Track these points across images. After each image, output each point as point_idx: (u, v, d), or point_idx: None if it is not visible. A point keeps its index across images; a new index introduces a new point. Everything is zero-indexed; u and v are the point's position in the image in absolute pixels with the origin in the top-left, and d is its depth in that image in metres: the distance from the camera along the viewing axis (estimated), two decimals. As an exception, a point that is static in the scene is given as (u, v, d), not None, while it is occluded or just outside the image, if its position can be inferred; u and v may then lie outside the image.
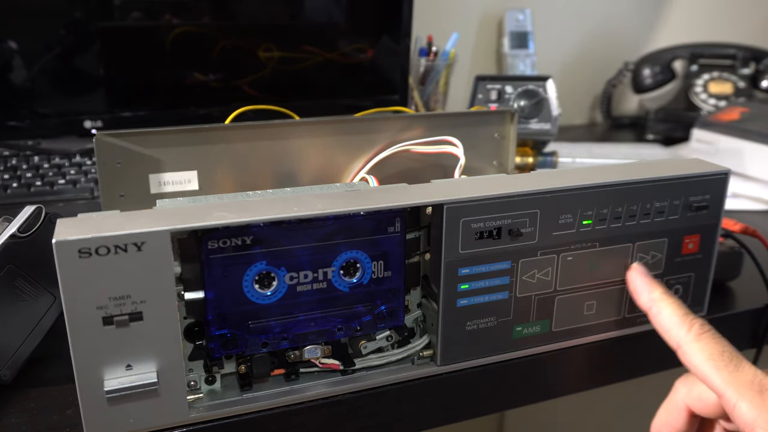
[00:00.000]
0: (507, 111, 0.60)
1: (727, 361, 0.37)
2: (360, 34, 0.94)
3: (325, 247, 0.40)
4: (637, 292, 0.45)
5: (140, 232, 0.34)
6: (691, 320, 0.41)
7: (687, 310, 0.42)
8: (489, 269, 0.42)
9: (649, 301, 0.43)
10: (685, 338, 0.40)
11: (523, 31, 1.10)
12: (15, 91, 0.82)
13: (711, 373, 0.38)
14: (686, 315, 0.41)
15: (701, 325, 0.40)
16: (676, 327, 0.41)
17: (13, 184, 0.74)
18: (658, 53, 1.22)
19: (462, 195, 0.40)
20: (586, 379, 0.50)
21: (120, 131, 0.49)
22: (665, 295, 0.43)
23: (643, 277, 0.45)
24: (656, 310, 0.43)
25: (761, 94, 1.16)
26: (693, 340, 0.39)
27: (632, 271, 0.45)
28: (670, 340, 0.41)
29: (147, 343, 0.36)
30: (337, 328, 0.41)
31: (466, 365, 0.44)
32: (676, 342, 0.40)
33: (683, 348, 0.40)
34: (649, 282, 0.44)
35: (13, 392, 0.42)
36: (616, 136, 1.19)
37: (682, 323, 0.40)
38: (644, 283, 0.44)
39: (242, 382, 0.41)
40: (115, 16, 0.83)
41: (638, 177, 0.44)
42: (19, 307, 0.42)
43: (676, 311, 0.41)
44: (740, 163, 0.88)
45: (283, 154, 0.54)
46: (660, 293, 0.43)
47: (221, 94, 0.90)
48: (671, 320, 0.41)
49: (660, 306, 0.42)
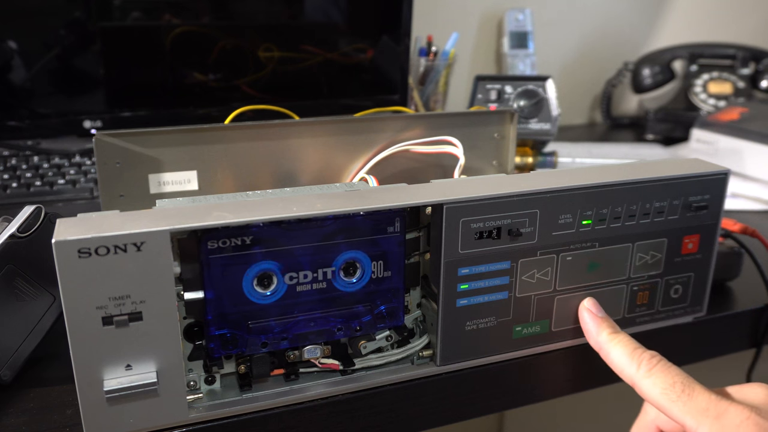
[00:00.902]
0: (507, 111, 0.60)
1: (679, 392, 0.38)
2: (360, 34, 0.94)
3: (324, 247, 0.40)
4: (586, 332, 0.45)
5: (140, 232, 0.34)
6: (639, 356, 0.41)
7: (635, 345, 0.42)
8: (489, 269, 0.42)
9: (597, 343, 0.44)
10: (636, 376, 0.40)
11: (523, 31, 1.10)
12: (15, 91, 0.82)
13: (668, 406, 0.38)
14: (634, 351, 0.41)
15: (649, 359, 0.40)
16: (627, 366, 0.41)
17: (13, 184, 0.74)
18: (657, 53, 1.22)
19: (462, 195, 0.40)
20: (586, 379, 0.50)
21: (120, 131, 0.49)
22: (613, 335, 0.43)
23: (592, 317, 0.45)
24: (605, 351, 0.43)
25: (761, 94, 1.16)
26: (644, 377, 0.40)
27: (582, 310, 0.46)
28: (625, 379, 0.42)
29: (147, 343, 0.36)
30: (336, 328, 0.41)
31: (465, 365, 0.44)
32: (630, 380, 0.41)
33: (637, 385, 0.40)
34: (598, 322, 0.44)
35: (13, 392, 0.42)
36: (615, 136, 1.19)
37: (631, 362, 0.41)
38: (593, 324, 0.44)
39: (242, 382, 0.41)
40: (115, 16, 0.83)
41: (638, 177, 0.44)
42: (19, 307, 0.42)
43: (624, 350, 0.42)
44: (740, 163, 0.88)
45: (283, 154, 0.54)
46: (607, 334, 0.43)
47: (221, 94, 0.90)
48: (621, 360, 0.42)
49: (608, 347, 0.43)
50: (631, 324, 0.48)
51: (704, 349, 0.55)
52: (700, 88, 1.17)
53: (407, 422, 0.45)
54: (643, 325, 0.49)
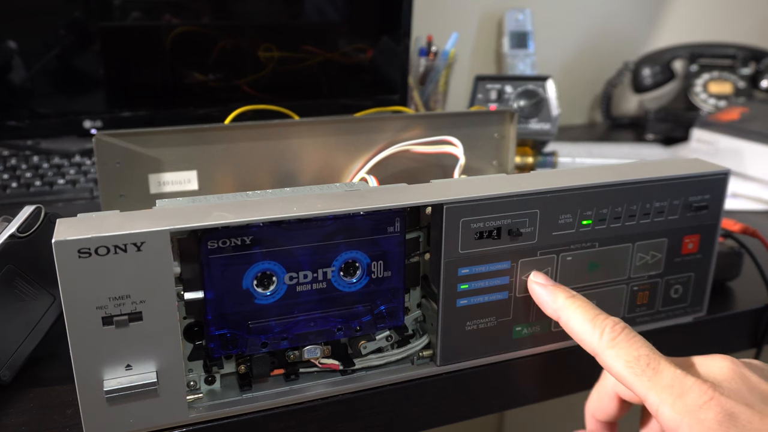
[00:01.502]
0: (507, 111, 0.60)
1: (644, 366, 0.36)
2: (360, 34, 0.94)
3: (324, 247, 0.40)
4: (542, 304, 0.42)
5: (140, 232, 0.34)
6: (602, 323, 0.38)
7: (596, 312, 0.39)
8: (489, 269, 0.42)
9: (555, 311, 0.41)
10: (599, 346, 0.38)
11: (523, 31, 1.10)
12: (15, 91, 0.82)
13: (631, 380, 0.36)
14: (596, 317, 0.39)
15: (612, 327, 0.38)
16: (588, 334, 0.38)
17: (13, 184, 0.74)
18: (658, 53, 1.22)
19: (462, 195, 0.40)
20: (586, 379, 0.50)
21: (120, 131, 0.49)
22: (570, 299, 0.41)
23: (543, 286, 0.42)
24: (565, 318, 0.40)
25: (761, 94, 1.16)
26: (607, 347, 0.37)
27: (531, 283, 0.43)
28: (586, 349, 0.39)
29: (146, 343, 0.36)
30: (336, 328, 0.41)
31: (465, 365, 0.44)
32: (591, 350, 0.38)
33: (600, 356, 0.38)
34: (552, 289, 0.42)
35: (13, 392, 0.42)
36: (615, 136, 1.19)
37: (593, 329, 0.38)
38: (547, 293, 0.42)
39: (242, 382, 0.41)
40: (115, 16, 0.83)
41: (638, 177, 0.44)
42: (19, 307, 0.42)
43: (585, 315, 0.39)
44: (740, 163, 0.88)
45: (283, 154, 0.54)
46: (564, 299, 0.41)
47: (221, 94, 0.90)
48: (582, 327, 0.39)
49: (567, 314, 0.40)
50: (631, 324, 0.48)
51: (704, 349, 0.55)
52: (700, 88, 1.17)
53: (407, 422, 0.45)
54: (643, 325, 0.49)
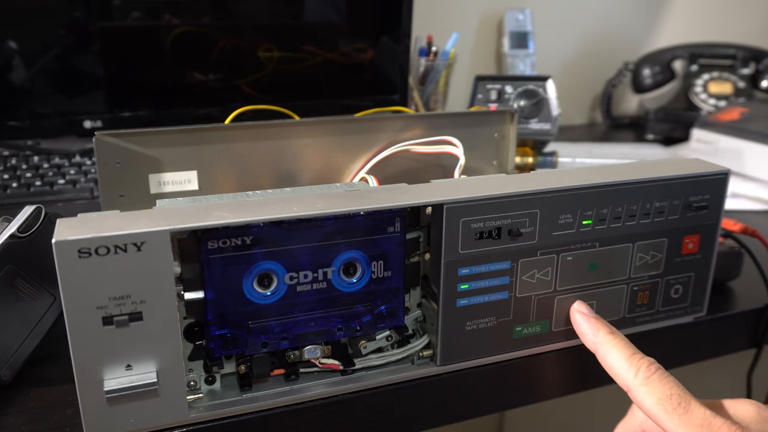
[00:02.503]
0: (507, 111, 0.60)
1: (675, 405, 0.38)
2: (360, 34, 0.94)
3: (324, 247, 0.40)
4: (581, 334, 0.44)
5: (140, 232, 0.34)
6: (638, 362, 0.40)
7: (633, 350, 0.41)
8: (489, 269, 0.42)
9: (594, 344, 0.43)
10: (633, 383, 0.40)
11: (523, 31, 1.10)
12: (15, 91, 0.82)
13: (662, 417, 0.38)
14: (632, 356, 0.41)
15: (647, 367, 0.40)
16: (624, 371, 0.40)
17: (13, 184, 0.74)
18: (658, 53, 1.22)
19: (462, 195, 0.40)
20: (586, 380, 0.50)
21: (120, 131, 0.49)
22: (610, 336, 0.42)
23: (586, 318, 0.44)
24: (603, 352, 0.42)
25: (761, 94, 1.16)
26: (641, 385, 0.39)
27: (574, 312, 0.45)
28: (620, 384, 0.41)
29: (147, 343, 0.36)
30: (336, 328, 0.41)
31: (466, 365, 0.44)
32: (625, 386, 0.40)
33: (633, 392, 0.40)
34: (593, 323, 0.44)
35: (13, 392, 0.42)
36: (616, 136, 1.19)
37: (629, 367, 0.40)
38: (588, 325, 0.44)
39: (242, 382, 0.41)
40: (115, 16, 0.83)
41: (638, 177, 0.44)
42: (19, 307, 0.42)
43: (622, 353, 0.41)
44: (740, 163, 0.88)
45: (283, 154, 0.54)
46: (604, 335, 0.43)
47: (221, 94, 0.90)
48: (618, 364, 0.41)
49: (605, 349, 0.42)
50: (631, 324, 0.48)
51: (704, 349, 0.55)
52: (700, 88, 1.17)
53: (407, 422, 0.45)
54: (644, 325, 0.49)
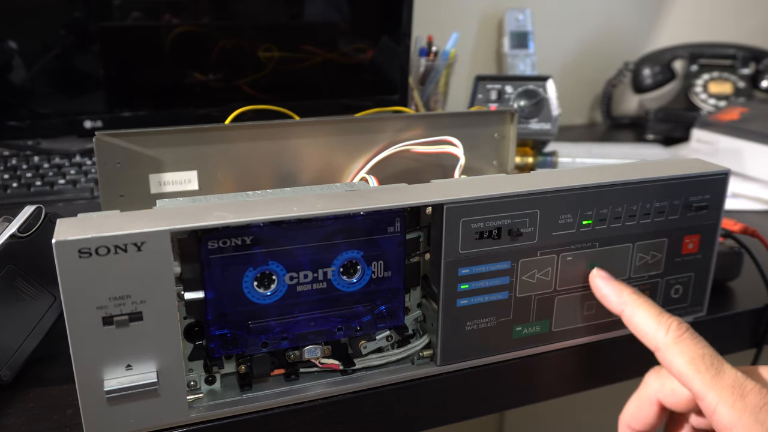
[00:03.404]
0: (507, 111, 0.60)
1: (708, 365, 0.37)
2: (360, 34, 0.94)
3: (324, 247, 0.40)
4: (605, 297, 0.43)
5: (140, 232, 0.34)
6: (667, 321, 0.39)
7: (660, 309, 0.40)
8: (489, 269, 0.42)
9: (619, 304, 0.42)
10: (663, 342, 0.38)
11: (523, 31, 1.10)
12: (15, 91, 0.82)
13: (692, 377, 0.37)
14: (661, 315, 0.40)
15: (678, 325, 0.39)
16: (653, 330, 0.39)
17: (13, 184, 0.74)
18: (658, 53, 1.22)
19: (462, 195, 0.40)
20: (586, 379, 0.50)
21: (120, 131, 0.49)
22: (635, 295, 0.41)
23: (607, 280, 0.43)
24: (629, 312, 0.41)
25: (761, 94, 1.16)
26: (672, 343, 0.38)
27: (595, 278, 0.44)
28: (648, 343, 0.40)
29: (147, 343, 0.36)
30: (337, 328, 0.41)
31: (466, 365, 0.44)
32: (654, 345, 0.39)
33: (662, 351, 0.39)
34: (615, 285, 0.43)
35: (13, 392, 0.42)
36: (616, 136, 1.19)
37: (658, 326, 0.39)
38: (611, 287, 0.43)
39: (242, 382, 0.41)
40: (115, 16, 0.83)
41: (638, 177, 0.44)
42: (19, 307, 0.42)
43: (649, 312, 0.40)
44: (740, 163, 0.88)
45: (283, 154, 0.54)
46: (629, 294, 0.42)
47: (221, 94, 0.90)
48: (646, 323, 0.40)
49: (632, 309, 0.41)
50: (631, 324, 0.48)
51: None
52: (700, 88, 1.16)
53: (407, 422, 0.45)
54: (644, 325, 0.49)
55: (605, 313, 0.47)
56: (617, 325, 0.48)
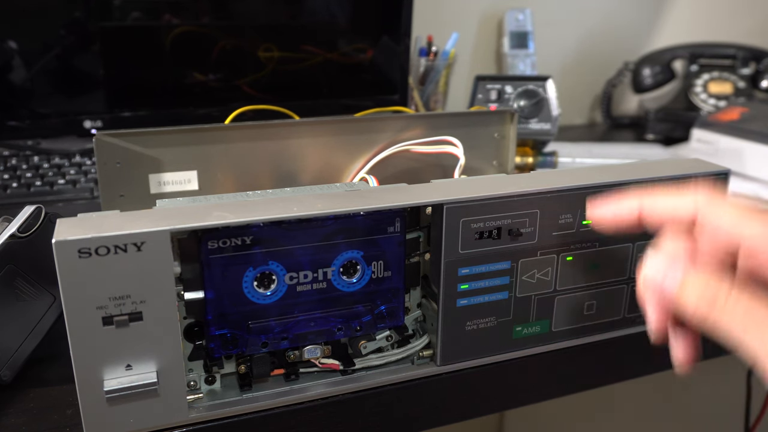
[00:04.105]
0: (507, 111, 0.60)
1: (753, 209, 0.32)
2: (360, 34, 0.94)
3: (324, 247, 0.40)
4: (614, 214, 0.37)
5: (140, 232, 0.34)
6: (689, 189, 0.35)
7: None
8: (489, 269, 0.42)
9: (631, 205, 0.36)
10: (702, 199, 0.34)
11: (523, 31, 1.10)
12: (15, 91, 0.82)
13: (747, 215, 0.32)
14: (678, 190, 0.35)
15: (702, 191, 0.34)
16: (682, 198, 0.35)
17: (13, 184, 0.74)
18: (658, 53, 1.22)
19: (462, 195, 0.40)
20: (586, 380, 0.50)
21: (120, 131, 0.49)
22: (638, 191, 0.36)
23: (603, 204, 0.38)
24: (649, 202, 0.36)
25: (761, 94, 1.16)
26: (713, 198, 0.34)
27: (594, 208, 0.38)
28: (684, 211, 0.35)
29: (147, 343, 0.36)
30: (337, 328, 0.41)
31: (466, 365, 0.44)
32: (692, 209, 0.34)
33: (707, 207, 0.34)
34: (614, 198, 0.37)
35: (13, 392, 0.42)
36: (616, 136, 1.19)
37: (684, 195, 0.34)
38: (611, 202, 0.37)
39: (242, 382, 0.41)
40: (115, 16, 0.83)
41: (638, 177, 0.44)
42: (19, 307, 0.42)
43: (666, 192, 0.35)
44: (740, 163, 0.88)
45: (283, 154, 0.54)
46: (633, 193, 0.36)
47: (221, 94, 0.90)
48: (670, 198, 0.35)
49: (648, 197, 0.36)
50: (631, 324, 0.48)
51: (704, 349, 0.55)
52: (700, 88, 1.16)
53: (407, 422, 0.45)
54: (644, 325, 0.49)
55: (605, 313, 0.47)
56: (617, 325, 0.48)
